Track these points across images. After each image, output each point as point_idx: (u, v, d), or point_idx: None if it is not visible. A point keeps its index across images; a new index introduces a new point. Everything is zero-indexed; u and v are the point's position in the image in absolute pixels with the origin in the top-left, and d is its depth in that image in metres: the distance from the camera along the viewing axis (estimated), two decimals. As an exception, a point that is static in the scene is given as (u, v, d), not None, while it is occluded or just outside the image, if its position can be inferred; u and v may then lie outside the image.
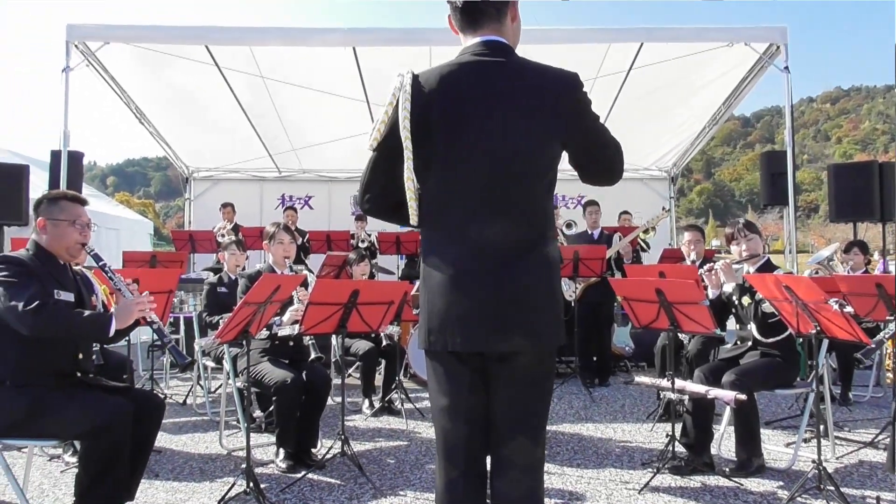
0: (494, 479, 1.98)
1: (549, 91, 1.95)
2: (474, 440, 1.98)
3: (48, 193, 3.26)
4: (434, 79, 1.95)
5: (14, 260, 3.02)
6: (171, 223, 41.08)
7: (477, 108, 1.92)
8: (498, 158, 1.91)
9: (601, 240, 7.27)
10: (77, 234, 3.15)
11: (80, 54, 7.44)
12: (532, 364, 1.96)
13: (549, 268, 1.98)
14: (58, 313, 2.91)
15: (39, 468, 4.12)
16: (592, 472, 4.11)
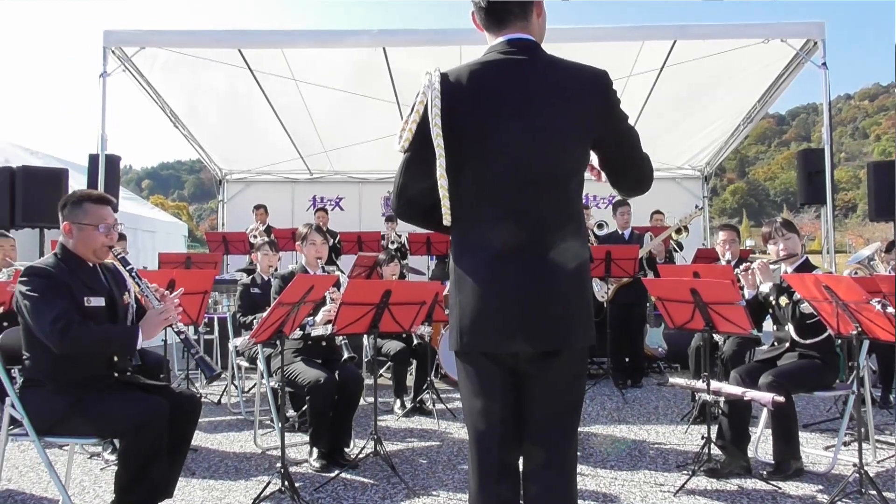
0: (528, 481, 1.97)
1: (578, 89, 1.93)
2: (508, 441, 1.97)
3: (71, 196, 3.23)
4: (463, 77, 1.93)
5: (40, 272, 3.00)
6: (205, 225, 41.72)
7: (505, 106, 1.90)
8: (528, 158, 1.90)
9: (632, 240, 7.20)
10: (103, 237, 3.14)
11: (116, 59, 7.60)
12: (565, 364, 1.95)
13: (580, 267, 1.96)
14: (84, 333, 2.91)
15: (80, 465, 4.21)
16: (626, 473, 4.07)
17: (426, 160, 1.91)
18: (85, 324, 2.94)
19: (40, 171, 7.26)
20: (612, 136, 1.97)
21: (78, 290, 3.03)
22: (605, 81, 1.95)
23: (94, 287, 3.13)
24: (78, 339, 2.88)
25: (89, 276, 3.15)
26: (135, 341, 3.00)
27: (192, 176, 75.00)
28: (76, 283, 3.05)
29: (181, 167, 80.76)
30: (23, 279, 2.98)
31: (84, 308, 3.02)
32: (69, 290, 3.00)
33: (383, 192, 12.59)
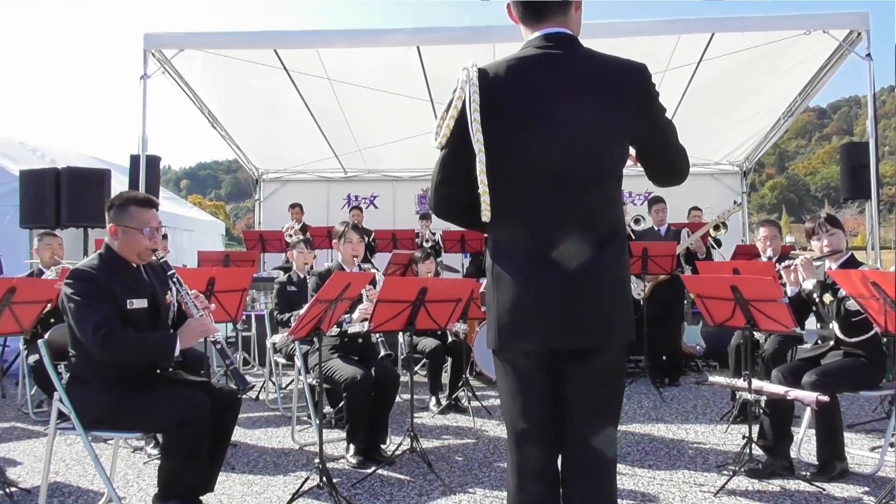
0: (568, 479, 1.96)
1: (617, 83, 1.91)
2: (547, 440, 1.96)
3: (117, 198, 3.30)
4: (501, 72, 1.92)
5: (84, 276, 3.06)
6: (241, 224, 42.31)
7: (544, 101, 1.88)
8: (567, 153, 1.88)
9: (668, 236, 7.12)
10: (147, 240, 3.19)
11: (156, 62, 7.74)
12: (605, 361, 1.94)
13: (620, 264, 1.95)
14: (124, 341, 2.97)
15: (123, 459, 4.30)
16: (665, 473, 4.03)
17: (464, 156, 1.90)
18: (125, 332, 3.00)
19: (84, 172, 7.43)
20: (651, 130, 1.95)
21: (121, 292, 3.09)
22: (644, 75, 1.93)
23: (137, 289, 3.19)
24: (117, 347, 2.96)
25: (133, 277, 3.21)
26: (173, 350, 3.07)
27: (228, 175, 76.09)
28: (119, 285, 3.11)
29: (218, 167, 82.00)
30: (68, 282, 3.05)
31: (126, 311, 3.09)
32: (112, 293, 3.06)
33: (417, 190, 12.64)
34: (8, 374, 6.83)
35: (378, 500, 3.60)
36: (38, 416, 5.49)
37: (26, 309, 3.78)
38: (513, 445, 2.00)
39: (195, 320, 3.17)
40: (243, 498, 3.65)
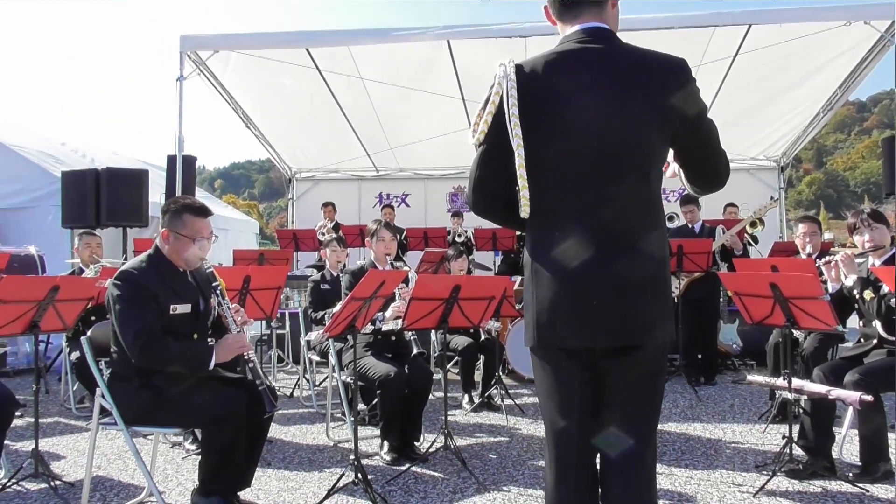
0: (607, 479, 1.94)
1: (657, 77, 1.88)
2: (586, 438, 1.95)
3: (173, 203, 3.37)
4: (538, 67, 1.91)
5: (132, 278, 3.13)
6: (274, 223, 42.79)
7: (583, 96, 1.86)
8: (607, 148, 1.86)
9: (702, 234, 7.01)
10: (197, 249, 3.28)
11: (192, 64, 7.86)
12: (646, 359, 1.91)
13: (661, 260, 1.93)
14: (162, 353, 3.06)
15: (163, 454, 4.37)
16: (702, 473, 3.97)
17: (502, 153, 1.89)
18: (164, 342, 3.08)
19: (123, 173, 7.58)
20: (690, 126, 1.92)
21: (165, 296, 3.16)
22: (684, 69, 1.91)
23: (182, 293, 3.26)
24: (155, 357, 3.06)
25: (178, 280, 3.28)
26: (208, 363, 3.15)
27: (261, 175, 76.92)
28: (164, 288, 3.18)
29: (251, 167, 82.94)
30: (115, 283, 3.13)
31: (168, 315, 3.16)
32: (156, 298, 3.12)
33: (448, 187, 12.65)
34: (51, 371, 7.00)
35: (412, 498, 3.62)
36: (80, 412, 5.62)
37: (69, 307, 3.87)
38: (551, 443, 1.99)
39: (233, 336, 3.25)
40: (279, 493, 3.69)
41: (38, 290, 3.62)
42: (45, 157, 9.36)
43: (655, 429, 1.99)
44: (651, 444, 1.94)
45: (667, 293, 1.95)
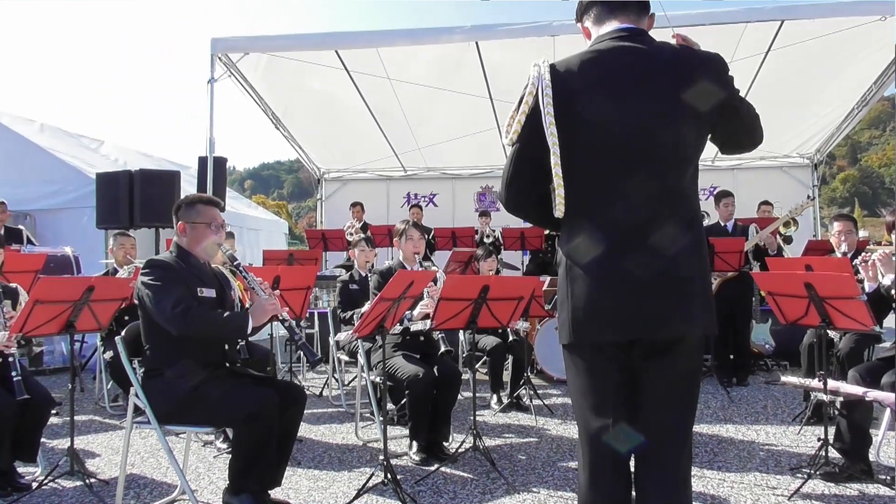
0: (642, 480, 1.93)
1: (692, 72, 1.89)
2: (620, 437, 1.93)
3: (184, 199, 3.48)
4: (573, 66, 1.92)
5: (160, 264, 3.25)
6: (303, 223, 43.12)
7: (618, 94, 1.88)
8: (643, 144, 1.87)
9: (735, 232, 6.91)
10: (213, 235, 3.36)
11: (222, 66, 7.95)
12: (680, 357, 1.90)
13: (700, 254, 1.93)
14: (202, 315, 3.13)
15: (195, 453, 4.43)
16: (735, 475, 3.91)
17: (536, 152, 1.91)
18: (202, 307, 3.16)
19: (156, 174, 7.69)
20: (728, 116, 1.94)
21: (192, 282, 3.26)
22: (720, 64, 1.93)
23: (206, 281, 3.36)
24: (195, 322, 3.10)
25: (201, 270, 3.38)
26: (246, 325, 3.18)
27: (290, 176, 77.49)
28: (190, 276, 3.27)
29: (280, 167, 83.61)
30: (144, 271, 3.23)
31: (198, 297, 3.24)
32: (184, 280, 3.22)
33: (476, 187, 12.63)
34: (85, 370, 7.13)
35: (442, 498, 3.61)
36: (113, 410, 5.72)
37: (104, 307, 3.93)
38: (585, 443, 1.98)
39: (264, 300, 3.26)
40: (310, 493, 3.72)
41: (74, 291, 3.69)
42: (79, 159, 9.55)
43: (691, 430, 1.97)
44: (686, 446, 1.93)
45: (708, 285, 1.95)
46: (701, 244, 1.94)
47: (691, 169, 1.93)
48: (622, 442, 1.93)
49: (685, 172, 1.91)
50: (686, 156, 1.91)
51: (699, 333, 1.91)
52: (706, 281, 1.95)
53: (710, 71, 1.91)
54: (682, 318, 1.87)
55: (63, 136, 10.55)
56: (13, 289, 4.16)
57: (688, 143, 1.90)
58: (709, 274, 1.98)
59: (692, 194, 1.94)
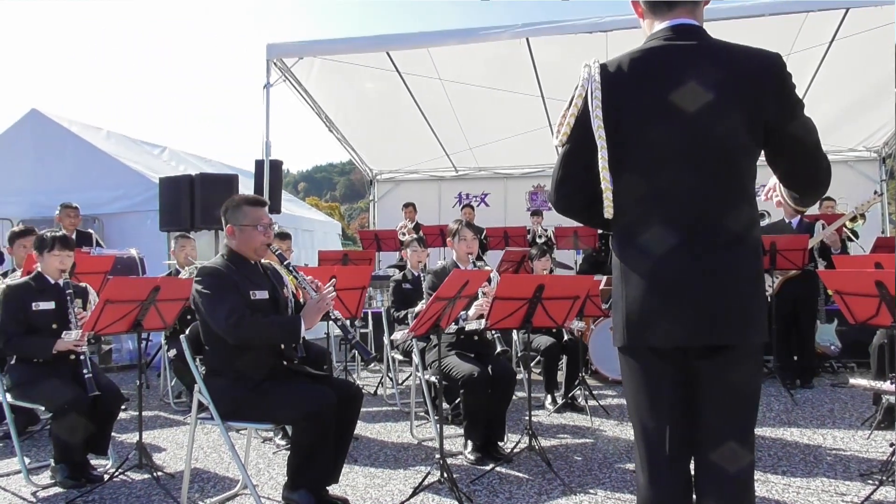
0: (702, 485, 1.88)
1: (748, 73, 1.83)
2: (678, 443, 1.89)
3: (230, 201, 3.52)
4: (624, 66, 1.89)
5: (211, 271, 3.29)
6: (355, 224, 43.63)
7: (670, 94, 1.83)
8: (696, 145, 1.83)
9: (801, 229, 6.68)
10: (261, 235, 3.40)
11: (277, 71, 8.12)
12: (739, 360, 1.85)
13: (756, 258, 1.88)
14: (255, 324, 3.16)
15: (255, 449, 4.53)
16: (801, 480, 3.79)
17: (585, 153, 1.89)
18: (254, 316, 3.19)
19: (215, 178, 7.91)
20: (785, 124, 1.84)
21: (244, 284, 3.31)
22: (778, 65, 1.84)
23: (258, 282, 3.40)
24: (249, 331, 3.14)
25: (253, 272, 3.43)
26: (299, 329, 3.22)
27: (342, 177, 78.49)
28: (242, 279, 3.32)
29: (333, 169, 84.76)
30: (197, 279, 3.29)
31: (251, 301, 3.28)
32: (236, 285, 3.27)
33: (528, 186, 12.57)
34: (150, 367, 7.36)
35: (498, 498, 3.61)
36: (177, 406, 5.90)
37: (169, 306, 4.05)
38: (641, 447, 1.94)
39: (314, 300, 3.30)
40: (366, 490, 3.76)
41: (141, 291, 3.81)
42: (143, 165, 9.89)
43: (753, 432, 1.92)
44: (748, 449, 1.88)
45: (761, 291, 1.90)
46: (756, 246, 1.90)
47: (746, 170, 1.87)
48: (680, 445, 1.89)
49: (739, 173, 1.86)
50: (740, 157, 1.85)
51: (752, 340, 1.86)
52: (761, 285, 1.91)
53: (766, 73, 1.83)
54: (735, 325, 1.82)
55: (128, 143, 10.94)
56: (83, 289, 4.33)
57: (741, 144, 1.84)
58: (763, 276, 1.93)
59: (748, 195, 1.89)
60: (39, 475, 3.98)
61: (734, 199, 1.86)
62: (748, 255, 1.86)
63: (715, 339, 1.83)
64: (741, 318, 1.83)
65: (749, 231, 1.87)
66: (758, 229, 1.94)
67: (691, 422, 1.90)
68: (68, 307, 4.01)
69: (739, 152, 1.85)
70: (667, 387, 1.90)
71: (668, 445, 1.89)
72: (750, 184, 1.90)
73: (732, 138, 1.83)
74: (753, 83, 1.81)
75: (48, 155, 9.59)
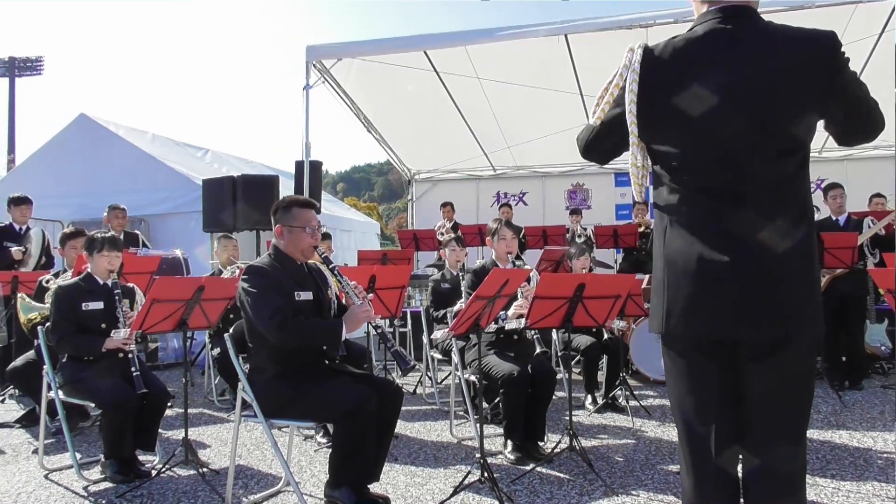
0: (752, 487, 1.83)
1: (801, 55, 1.76)
2: (725, 442, 1.84)
3: (281, 202, 3.58)
4: (666, 54, 1.85)
5: (259, 271, 3.35)
6: (393, 224, 43.89)
7: (718, 80, 1.78)
8: (744, 132, 1.77)
9: (849, 226, 6.51)
10: (309, 237, 3.45)
11: (317, 72, 8.21)
12: (792, 358, 1.79)
13: (809, 250, 1.80)
14: (297, 326, 3.21)
15: (296, 446, 4.59)
16: (851, 484, 3.69)
17: (616, 138, 1.93)
18: (297, 319, 3.24)
19: (256, 179, 8.02)
20: (841, 104, 1.79)
21: (289, 285, 3.35)
22: (831, 44, 1.77)
23: (302, 283, 3.44)
24: (292, 332, 3.19)
25: (298, 273, 3.47)
26: (340, 334, 3.26)
27: (380, 178, 78.98)
28: (287, 279, 3.37)
29: (371, 170, 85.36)
30: (244, 277, 3.35)
31: (295, 302, 3.33)
32: (282, 285, 3.32)
33: (567, 185, 12.50)
34: (194, 365, 7.52)
35: (538, 498, 3.59)
36: (221, 404, 6.01)
37: (213, 305, 4.13)
38: (686, 449, 1.90)
39: (357, 307, 3.34)
40: (407, 488, 3.78)
41: (186, 290, 3.89)
42: (186, 167, 10.09)
43: (805, 433, 1.85)
44: (800, 451, 1.82)
45: (815, 283, 1.82)
46: (810, 239, 1.81)
47: (799, 158, 1.80)
48: (727, 446, 1.84)
49: (792, 161, 1.79)
50: (792, 144, 1.78)
51: (805, 335, 1.79)
52: (815, 279, 1.83)
53: (819, 53, 1.76)
54: (787, 320, 1.75)
55: (171, 146, 11.17)
56: (130, 289, 4.44)
57: (793, 130, 1.77)
58: (818, 271, 1.86)
59: (801, 185, 1.82)
60: (90, 470, 4.09)
61: (787, 189, 1.79)
62: (801, 244, 1.78)
63: (767, 334, 1.77)
64: (794, 313, 1.76)
65: (802, 220, 1.80)
66: (812, 222, 1.86)
67: (739, 422, 1.84)
68: (117, 307, 4.11)
69: (791, 140, 1.79)
70: (713, 386, 1.85)
71: (715, 447, 1.84)
72: (804, 173, 1.83)
73: (783, 126, 1.77)
74: (805, 65, 1.75)
75: (96, 158, 9.84)
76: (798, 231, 1.78)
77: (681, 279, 1.82)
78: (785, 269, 1.76)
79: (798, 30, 1.80)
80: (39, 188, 8.57)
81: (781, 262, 1.75)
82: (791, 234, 1.77)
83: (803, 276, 1.79)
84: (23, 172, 10.56)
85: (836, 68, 1.76)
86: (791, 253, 1.76)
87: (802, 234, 1.79)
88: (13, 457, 4.53)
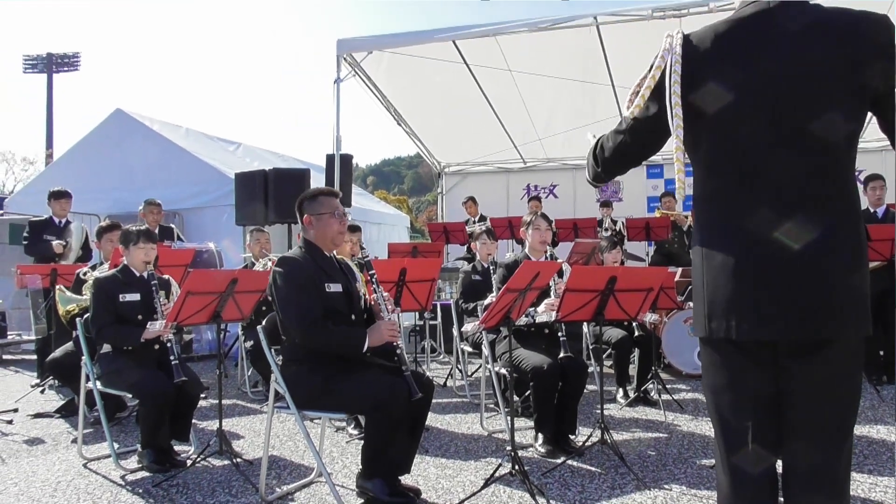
0: (793, 486, 1.76)
1: (848, 39, 1.67)
2: (763, 442, 1.78)
3: (307, 193, 3.61)
4: (707, 39, 1.78)
5: (290, 262, 3.39)
6: (422, 217, 43.96)
7: (761, 68, 1.71)
8: (789, 123, 1.69)
9: (886, 219, 6.36)
10: (337, 223, 3.49)
11: (347, 66, 8.24)
12: (836, 358, 1.71)
13: (858, 246, 1.72)
14: (322, 332, 3.27)
15: (328, 438, 4.63)
16: (889, 479, 3.62)
17: (656, 128, 1.84)
18: (324, 324, 3.29)
19: (288, 173, 8.09)
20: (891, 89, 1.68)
21: (319, 277, 3.39)
22: (884, 26, 1.67)
23: (332, 275, 3.48)
24: (315, 337, 3.27)
25: (328, 265, 3.51)
26: (362, 346, 3.30)
27: (410, 171, 79.07)
28: (318, 271, 3.41)
29: (400, 163, 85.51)
30: (276, 269, 3.40)
31: (325, 293, 3.36)
32: (312, 280, 3.35)
33: (598, 177, 12.36)
34: (227, 357, 7.63)
35: (570, 491, 3.58)
36: (254, 395, 6.10)
37: (246, 298, 4.18)
38: (722, 447, 1.84)
39: (385, 323, 3.39)
40: (438, 480, 3.79)
41: (220, 283, 3.94)
42: (219, 161, 10.21)
43: (851, 436, 1.76)
44: (844, 454, 1.74)
45: (862, 281, 1.73)
46: (858, 234, 1.73)
47: (847, 149, 1.72)
48: (766, 446, 1.77)
49: (839, 152, 1.71)
50: (839, 135, 1.70)
51: (853, 334, 1.71)
52: (862, 276, 1.72)
53: (872, 37, 1.66)
54: (830, 319, 1.67)
55: (204, 140, 11.31)
56: (166, 280, 4.52)
57: (841, 120, 1.69)
58: (867, 265, 1.76)
59: (848, 177, 1.74)
60: (127, 459, 4.18)
61: (833, 181, 1.71)
62: (848, 240, 1.70)
63: (808, 333, 1.69)
64: (840, 310, 1.68)
65: (848, 215, 1.72)
66: (860, 216, 1.77)
67: (779, 421, 1.78)
68: (154, 298, 4.19)
69: (838, 131, 1.70)
70: (752, 383, 1.79)
71: (752, 446, 1.78)
72: (849, 159, 1.75)
73: (830, 116, 1.68)
74: (854, 50, 1.66)
75: (132, 153, 10.00)
76: (848, 225, 1.71)
77: (719, 278, 1.76)
78: (834, 263, 1.69)
79: (847, 11, 1.71)
80: (76, 182, 8.73)
81: (830, 259, 1.68)
82: (837, 229, 1.70)
83: (851, 273, 1.71)
84: (60, 167, 10.78)
85: (890, 49, 1.66)
86: (840, 246, 1.69)
87: (852, 228, 1.72)
88: (53, 446, 4.65)
